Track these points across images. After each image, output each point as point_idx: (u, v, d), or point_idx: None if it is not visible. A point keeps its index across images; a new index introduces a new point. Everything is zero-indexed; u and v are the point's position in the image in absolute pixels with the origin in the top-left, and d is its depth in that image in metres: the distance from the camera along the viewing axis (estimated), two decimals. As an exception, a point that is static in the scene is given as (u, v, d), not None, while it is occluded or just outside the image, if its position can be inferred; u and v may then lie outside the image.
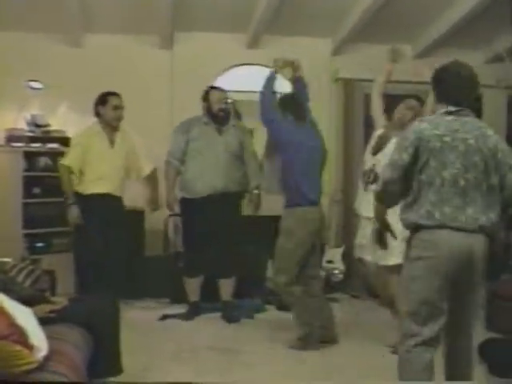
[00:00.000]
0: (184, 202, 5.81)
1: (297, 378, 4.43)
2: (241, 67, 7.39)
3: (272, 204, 5.63)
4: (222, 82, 7.30)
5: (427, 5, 6.52)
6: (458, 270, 3.21)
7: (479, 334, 4.26)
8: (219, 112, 5.71)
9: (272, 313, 6.10)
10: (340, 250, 7.02)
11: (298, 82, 5.31)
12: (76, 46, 6.98)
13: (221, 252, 5.70)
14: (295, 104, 5.15)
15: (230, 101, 5.86)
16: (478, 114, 3.62)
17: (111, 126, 5.67)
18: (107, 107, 5.63)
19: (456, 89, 3.34)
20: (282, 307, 6.21)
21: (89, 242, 5.47)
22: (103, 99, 5.66)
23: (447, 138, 3.21)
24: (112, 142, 5.66)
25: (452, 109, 3.31)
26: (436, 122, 3.30)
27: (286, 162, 5.01)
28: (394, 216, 3.61)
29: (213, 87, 5.90)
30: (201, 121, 5.74)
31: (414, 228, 3.30)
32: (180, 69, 7.04)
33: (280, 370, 4.54)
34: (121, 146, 5.70)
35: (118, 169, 5.67)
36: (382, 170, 3.63)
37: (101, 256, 5.42)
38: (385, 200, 3.47)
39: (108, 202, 5.56)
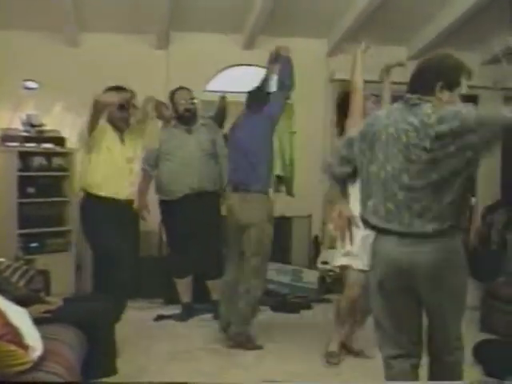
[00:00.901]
0: (162, 204, 5.84)
1: (294, 378, 4.43)
2: (236, 68, 7.39)
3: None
4: (217, 82, 7.32)
5: (423, 6, 6.52)
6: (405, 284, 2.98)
7: (474, 335, 4.28)
8: (185, 112, 5.73)
9: (266, 313, 6.09)
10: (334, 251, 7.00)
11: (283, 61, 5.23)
12: (72, 45, 6.96)
13: (203, 252, 5.72)
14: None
15: (195, 101, 5.87)
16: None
17: (116, 126, 5.05)
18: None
19: (411, 77, 3.07)
20: (276, 308, 6.22)
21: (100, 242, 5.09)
22: None
23: (391, 129, 2.96)
24: (122, 141, 5.07)
25: (407, 96, 3.01)
26: (391, 112, 3.05)
27: None
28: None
29: (180, 88, 5.83)
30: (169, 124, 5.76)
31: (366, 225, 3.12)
32: (176, 69, 7.01)
33: (274, 370, 4.55)
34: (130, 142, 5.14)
35: (127, 168, 5.13)
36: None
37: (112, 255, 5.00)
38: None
39: (118, 204, 5.07)
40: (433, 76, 2.98)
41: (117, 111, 5.01)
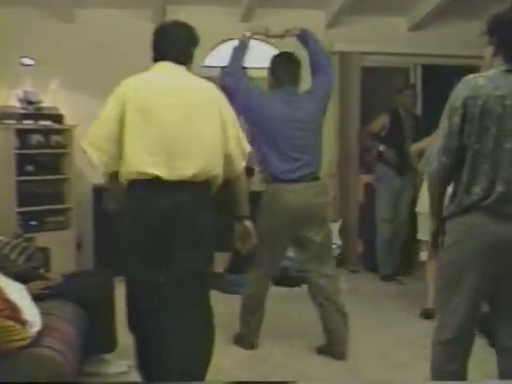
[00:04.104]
0: None
1: (300, 354, 4.42)
2: (234, 41, 7.30)
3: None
4: (214, 57, 7.25)
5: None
6: None
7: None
8: None
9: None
10: (337, 225, 6.98)
11: (302, 37, 4.76)
12: (67, 20, 6.86)
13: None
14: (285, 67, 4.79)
15: None
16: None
17: None
18: None
19: None
20: (279, 282, 6.20)
21: None
22: None
23: (509, 102, 2.66)
24: None
25: None
26: (496, 81, 2.72)
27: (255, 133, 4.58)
28: None
29: None
30: None
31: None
32: (173, 43, 6.94)
33: (280, 346, 4.58)
34: None
35: None
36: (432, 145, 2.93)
37: None
38: (439, 179, 2.86)
39: None
40: None
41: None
